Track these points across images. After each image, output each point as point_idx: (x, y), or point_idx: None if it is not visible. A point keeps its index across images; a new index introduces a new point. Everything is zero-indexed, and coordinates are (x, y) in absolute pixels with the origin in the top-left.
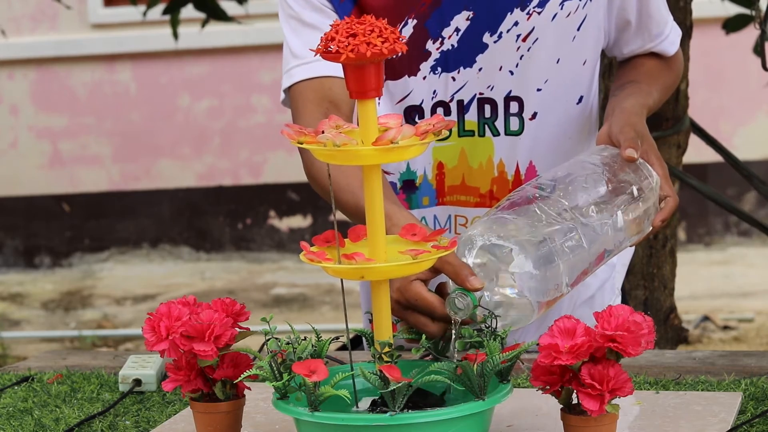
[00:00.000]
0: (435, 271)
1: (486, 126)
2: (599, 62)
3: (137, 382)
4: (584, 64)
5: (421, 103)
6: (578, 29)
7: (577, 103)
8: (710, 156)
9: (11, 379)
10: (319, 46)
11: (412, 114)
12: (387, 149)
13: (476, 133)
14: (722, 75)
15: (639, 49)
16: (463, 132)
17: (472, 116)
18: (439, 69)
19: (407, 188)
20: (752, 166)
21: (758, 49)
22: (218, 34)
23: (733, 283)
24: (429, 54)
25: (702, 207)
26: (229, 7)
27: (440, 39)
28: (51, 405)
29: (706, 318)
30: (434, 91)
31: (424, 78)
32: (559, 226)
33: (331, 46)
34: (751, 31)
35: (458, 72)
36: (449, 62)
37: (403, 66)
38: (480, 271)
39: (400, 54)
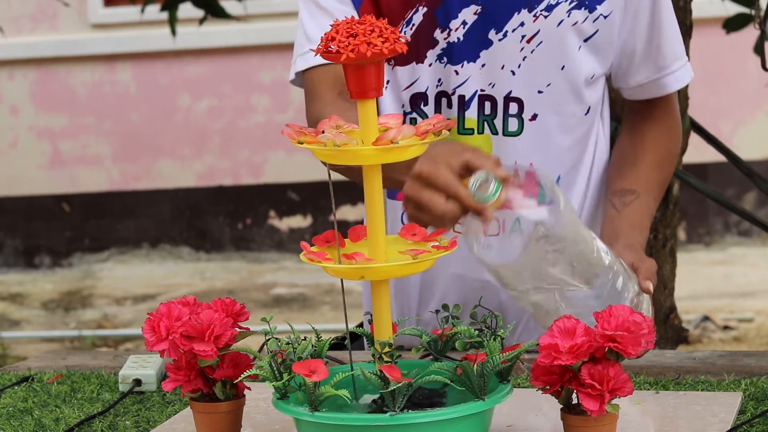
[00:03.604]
0: (465, 168)
1: (485, 123)
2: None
3: (137, 382)
4: (592, 77)
5: (426, 90)
6: (586, 41)
7: (585, 114)
8: (710, 156)
9: (11, 379)
10: (320, 46)
11: (418, 101)
12: (387, 149)
13: (475, 131)
14: (722, 75)
15: (645, 80)
16: (462, 130)
17: (472, 113)
18: (445, 59)
19: None
20: (752, 166)
21: (758, 49)
22: (218, 34)
23: (733, 283)
24: (436, 42)
25: (702, 207)
26: (229, 7)
27: (447, 30)
28: (51, 405)
29: (706, 318)
30: (439, 80)
31: (430, 65)
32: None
33: (332, 46)
34: (751, 31)
35: (461, 66)
36: (454, 54)
37: (411, 52)
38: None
39: (407, 43)
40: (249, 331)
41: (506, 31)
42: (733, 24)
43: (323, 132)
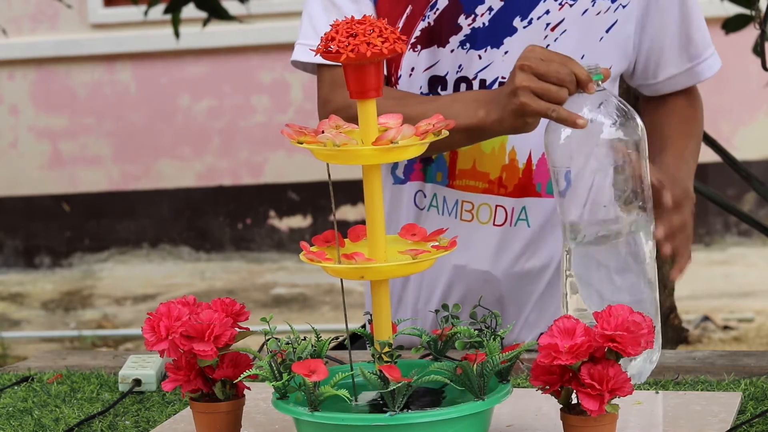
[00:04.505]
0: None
1: None
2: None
3: (137, 382)
4: (610, 68)
5: (446, 75)
6: (607, 31)
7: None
8: (710, 156)
9: (11, 379)
10: (319, 46)
11: (436, 85)
12: (387, 149)
13: None
14: (722, 75)
15: (677, 72)
16: None
17: None
18: (468, 45)
19: (424, 158)
20: (752, 166)
21: (758, 49)
22: (218, 34)
23: (733, 283)
24: (460, 28)
25: (702, 207)
26: (230, 7)
27: (473, 15)
28: (51, 405)
29: (706, 318)
30: (459, 66)
31: (452, 51)
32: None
33: (331, 46)
34: (751, 31)
35: (485, 51)
36: (478, 40)
37: (434, 36)
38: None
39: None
40: (249, 331)
41: (531, 19)
42: (732, 24)
43: (323, 132)
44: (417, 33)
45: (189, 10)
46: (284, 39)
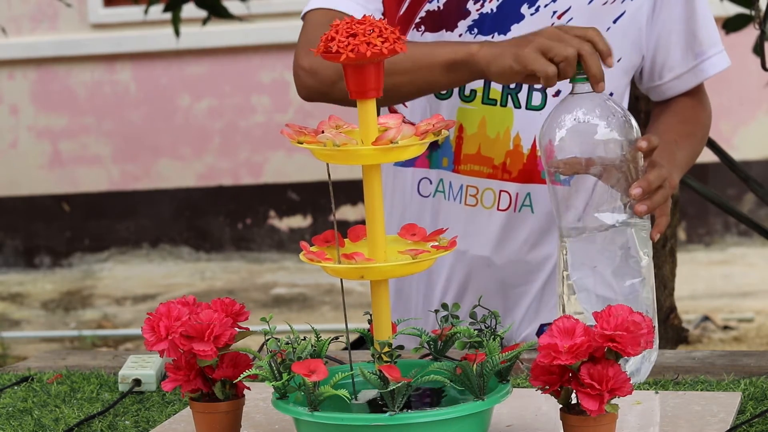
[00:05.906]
0: None
1: (509, 96)
2: (631, 80)
3: (137, 382)
4: (618, 61)
5: None
6: (614, 22)
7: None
8: (710, 157)
9: (11, 379)
10: (320, 46)
11: None
12: (386, 149)
13: (498, 103)
14: (722, 75)
15: (682, 71)
16: (486, 99)
17: (497, 85)
18: (476, 30)
19: (430, 145)
20: (752, 166)
21: (758, 49)
22: (218, 34)
23: (733, 283)
24: (468, 13)
25: (702, 207)
26: (230, 7)
27: (481, 1)
28: (51, 405)
29: (706, 318)
30: None
31: (460, 36)
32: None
33: (331, 46)
34: (751, 31)
35: (492, 37)
36: (485, 26)
37: (442, 20)
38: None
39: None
40: (248, 331)
41: (538, 6)
42: (733, 24)
43: (323, 132)
44: (422, 14)
45: (190, 10)
46: (284, 39)
